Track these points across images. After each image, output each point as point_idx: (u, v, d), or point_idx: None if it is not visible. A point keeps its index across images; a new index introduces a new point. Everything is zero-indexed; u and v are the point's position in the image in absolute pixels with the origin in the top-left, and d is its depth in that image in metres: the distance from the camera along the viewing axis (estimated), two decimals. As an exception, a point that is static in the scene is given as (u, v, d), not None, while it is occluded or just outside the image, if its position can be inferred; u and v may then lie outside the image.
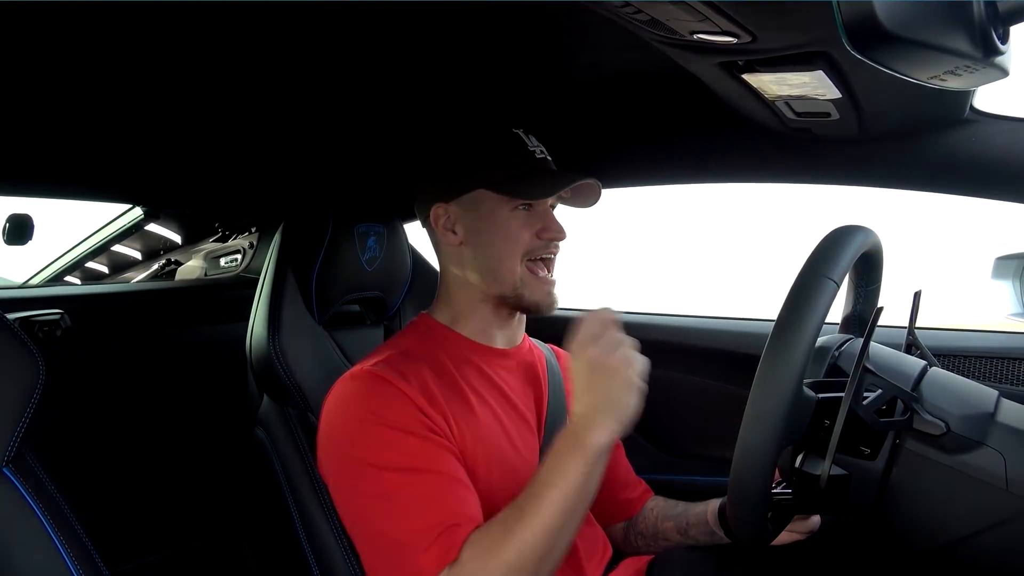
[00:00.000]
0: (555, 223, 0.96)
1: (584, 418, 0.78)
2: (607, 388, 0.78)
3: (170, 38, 0.81)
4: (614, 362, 0.78)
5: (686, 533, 1.06)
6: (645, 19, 0.64)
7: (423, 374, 0.89)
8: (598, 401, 0.78)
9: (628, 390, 0.78)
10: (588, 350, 0.79)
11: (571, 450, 0.78)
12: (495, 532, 0.78)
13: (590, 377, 0.79)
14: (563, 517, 0.76)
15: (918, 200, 1.06)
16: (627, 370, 0.78)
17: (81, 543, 0.77)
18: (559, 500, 0.76)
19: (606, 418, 0.77)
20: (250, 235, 2.03)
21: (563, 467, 0.77)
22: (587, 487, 0.78)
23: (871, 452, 0.74)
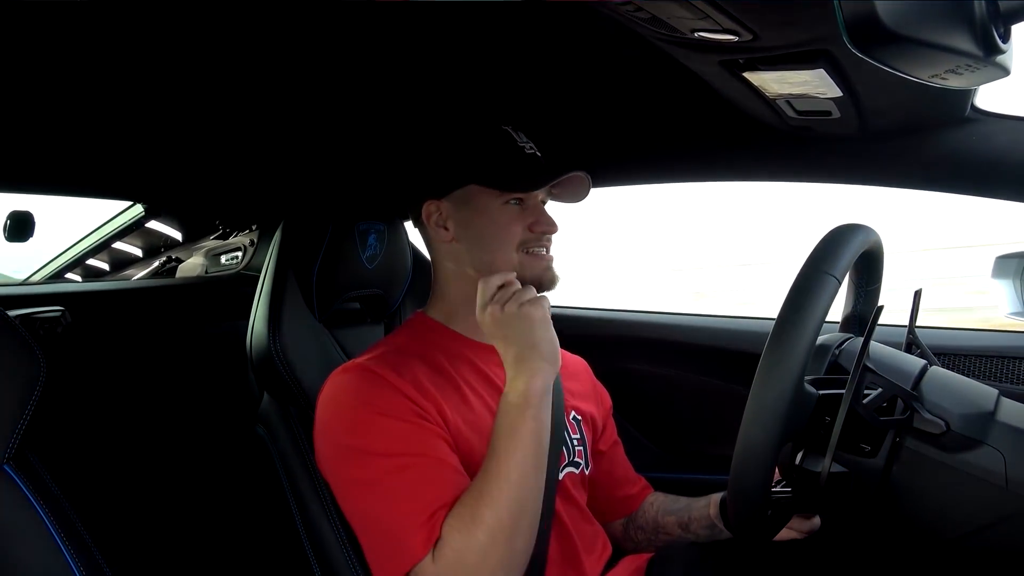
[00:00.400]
0: (546, 216, 0.97)
1: (513, 372, 0.83)
2: (518, 334, 0.83)
3: (171, 36, 0.81)
4: (512, 309, 0.84)
5: (687, 528, 1.06)
6: (646, 17, 0.64)
7: (416, 369, 0.90)
8: (519, 349, 0.83)
9: (535, 326, 0.83)
10: (487, 309, 0.85)
11: (515, 405, 0.81)
12: (468, 500, 0.79)
13: (502, 331, 0.84)
14: (525, 466, 0.80)
15: (918, 200, 1.06)
16: (528, 310, 0.84)
17: (81, 540, 0.77)
18: (516, 453, 0.80)
19: (530, 362, 0.83)
20: (251, 232, 2.03)
21: (510, 423, 0.81)
22: (537, 433, 0.81)
23: (871, 450, 0.74)
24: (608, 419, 1.16)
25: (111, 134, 1.15)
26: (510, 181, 0.94)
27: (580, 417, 1.07)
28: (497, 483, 0.78)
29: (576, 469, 1.02)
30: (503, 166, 0.94)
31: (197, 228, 2.24)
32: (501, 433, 0.81)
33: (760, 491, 0.70)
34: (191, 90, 0.99)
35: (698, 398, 1.48)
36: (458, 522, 0.78)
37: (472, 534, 0.76)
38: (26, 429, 0.78)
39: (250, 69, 0.94)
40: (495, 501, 0.77)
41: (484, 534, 0.76)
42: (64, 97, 0.97)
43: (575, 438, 1.04)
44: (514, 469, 0.79)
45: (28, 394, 0.78)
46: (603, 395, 1.17)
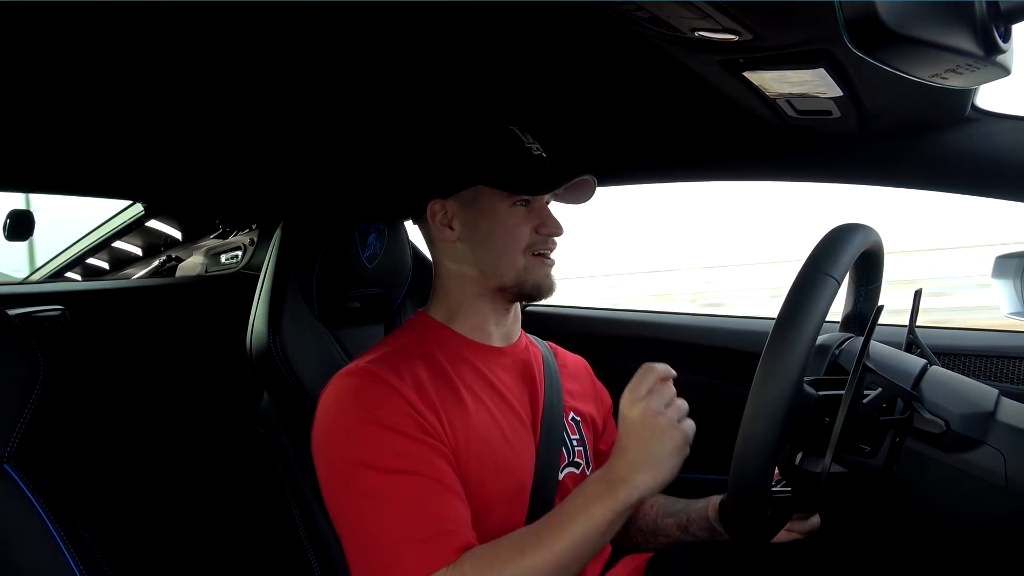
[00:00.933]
0: (552, 219, 0.97)
1: (623, 470, 0.79)
2: (653, 446, 0.78)
3: (171, 36, 0.81)
4: (665, 422, 0.78)
5: (686, 530, 1.06)
6: (646, 16, 0.64)
7: (418, 372, 0.89)
8: (641, 456, 0.78)
9: (673, 453, 0.78)
10: (642, 403, 0.80)
11: (602, 496, 0.78)
12: (504, 549, 0.77)
13: (639, 431, 0.79)
14: (575, 555, 0.77)
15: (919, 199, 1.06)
16: (676, 433, 0.79)
17: (81, 539, 0.77)
18: (576, 538, 0.77)
19: (645, 475, 0.78)
20: (251, 232, 2.03)
21: (590, 509, 0.78)
22: (607, 533, 0.78)
23: (871, 450, 0.74)
24: (609, 419, 1.16)
25: (111, 133, 1.15)
26: (519, 183, 0.94)
27: (579, 418, 1.07)
28: (541, 554, 0.76)
29: (576, 469, 1.02)
30: (512, 168, 0.94)
31: (197, 227, 2.24)
32: (572, 510, 0.79)
33: (759, 491, 0.70)
34: (191, 89, 0.99)
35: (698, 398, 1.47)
36: (484, 564, 0.77)
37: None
38: (26, 428, 0.78)
39: (251, 68, 0.94)
40: (530, 566, 0.76)
41: None
42: (64, 96, 0.97)
43: (574, 439, 1.04)
44: (566, 550, 0.76)
45: (28, 393, 0.78)
46: (603, 395, 1.17)
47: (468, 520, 0.82)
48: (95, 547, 0.77)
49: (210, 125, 1.16)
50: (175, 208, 2.15)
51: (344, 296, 1.18)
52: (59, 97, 0.97)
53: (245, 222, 2.05)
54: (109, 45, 0.83)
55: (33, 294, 1.61)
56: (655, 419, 0.78)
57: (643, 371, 0.82)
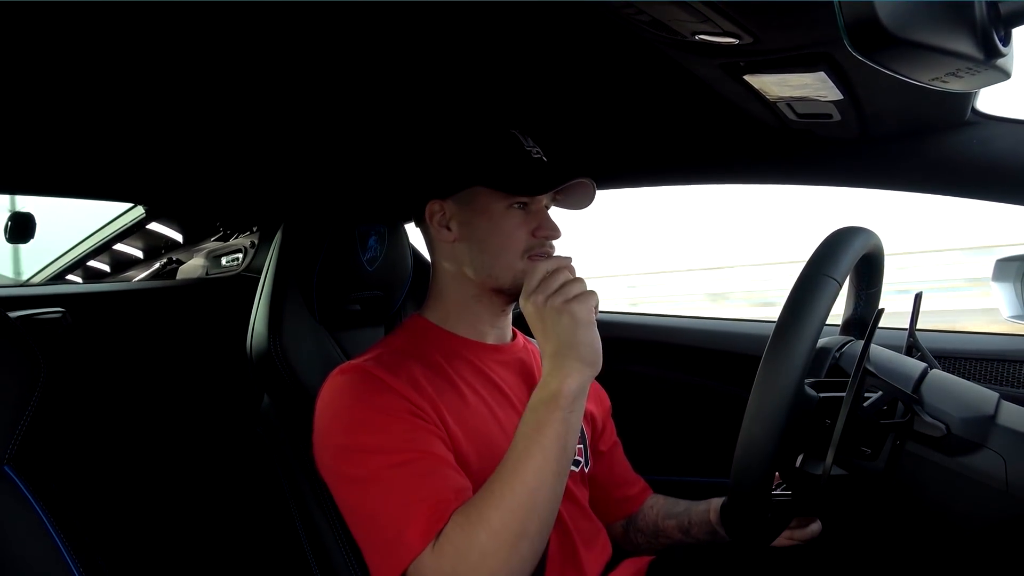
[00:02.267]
0: (550, 222, 0.97)
1: (548, 367, 0.80)
2: (561, 330, 0.79)
3: (171, 38, 0.81)
4: (557, 303, 0.80)
5: (687, 532, 1.06)
6: (646, 20, 0.64)
7: (413, 370, 0.90)
8: (557, 346, 0.79)
9: (581, 327, 0.79)
10: (532, 297, 0.81)
11: (544, 403, 0.78)
12: (478, 499, 0.78)
13: (543, 324, 0.81)
14: (545, 471, 0.76)
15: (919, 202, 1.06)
16: (577, 307, 0.79)
17: (82, 541, 0.77)
18: (537, 455, 0.76)
19: (568, 362, 0.78)
20: (251, 234, 2.04)
21: (537, 420, 0.78)
22: (565, 437, 0.78)
23: (872, 453, 0.74)
24: (607, 419, 1.17)
25: (112, 136, 1.15)
26: (516, 184, 0.94)
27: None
28: (511, 484, 0.76)
29: (576, 467, 1.02)
30: (509, 169, 0.94)
31: (198, 230, 2.24)
32: (524, 432, 0.78)
33: (760, 494, 0.70)
34: (192, 91, 0.99)
35: (698, 400, 1.48)
36: (463, 519, 0.76)
37: (475, 533, 0.75)
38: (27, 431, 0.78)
39: (251, 70, 0.94)
40: (504, 502, 0.75)
41: (487, 535, 0.74)
42: (65, 99, 0.97)
43: (575, 435, 1.04)
44: (532, 471, 0.76)
45: (28, 395, 0.78)
46: (602, 395, 1.18)
47: (469, 491, 0.82)
48: (95, 549, 0.77)
49: (211, 128, 1.16)
50: (176, 211, 2.15)
51: (345, 298, 1.18)
52: (60, 99, 0.97)
53: (246, 225, 2.06)
54: (110, 47, 0.83)
55: (34, 296, 1.61)
56: (548, 305, 0.80)
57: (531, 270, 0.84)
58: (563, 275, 0.83)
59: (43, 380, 0.80)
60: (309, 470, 1.03)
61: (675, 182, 1.38)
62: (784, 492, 0.79)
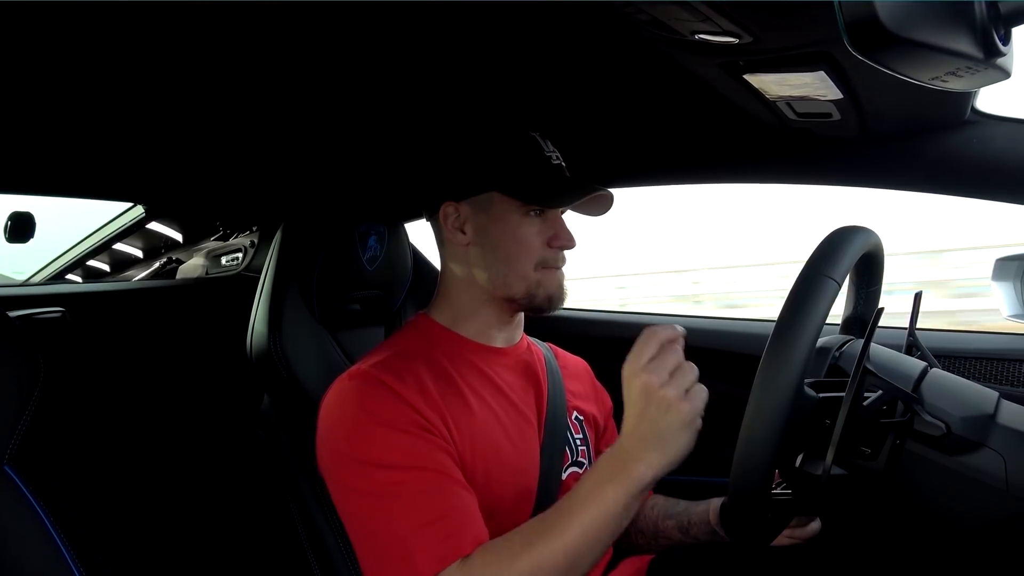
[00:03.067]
0: (566, 231, 0.96)
1: (632, 448, 0.74)
2: (660, 421, 0.72)
3: (172, 37, 0.81)
4: (671, 395, 0.72)
5: (687, 532, 1.06)
6: (646, 19, 0.64)
7: (420, 374, 0.89)
8: (649, 433, 0.73)
9: (683, 428, 0.73)
10: (644, 375, 0.73)
11: (612, 477, 0.74)
12: (515, 542, 0.76)
13: (644, 406, 0.73)
14: (589, 542, 0.74)
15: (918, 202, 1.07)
16: (684, 405, 0.72)
17: (81, 540, 0.77)
18: (588, 524, 0.73)
19: (655, 453, 0.73)
20: (251, 234, 2.04)
21: (601, 492, 0.74)
22: (621, 517, 0.74)
23: (871, 453, 0.74)
24: (609, 420, 1.16)
25: (112, 135, 1.15)
26: (535, 195, 0.92)
27: (582, 417, 1.07)
28: (552, 543, 0.73)
29: (580, 469, 1.02)
30: (529, 176, 0.93)
31: (197, 229, 2.24)
32: (582, 495, 0.75)
33: (760, 493, 0.70)
34: (193, 90, 0.99)
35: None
36: (495, 558, 0.75)
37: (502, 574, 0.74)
38: (26, 430, 0.78)
39: (252, 69, 0.94)
40: (541, 558, 0.73)
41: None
42: (65, 98, 0.97)
43: (578, 438, 1.04)
44: (578, 537, 0.73)
45: (28, 395, 0.78)
46: (604, 396, 1.17)
47: (477, 511, 0.82)
48: (95, 548, 0.77)
49: (211, 127, 1.16)
50: (176, 210, 2.15)
51: (344, 298, 1.18)
52: (60, 99, 0.97)
53: (245, 224, 2.06)
54: (109, 46, 0.83)
55: (34, 296, 1.61)
56: (658, 392, 0.72)
57: (644, 337, 0.75)
58: (676, 357, 0.75)
59: (43, 379, 0.80)
60: (309, 470, 1.03)
61: (675, 181, 1.38)
62: (784, 492, 0.79)
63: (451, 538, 0.77)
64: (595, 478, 0.76)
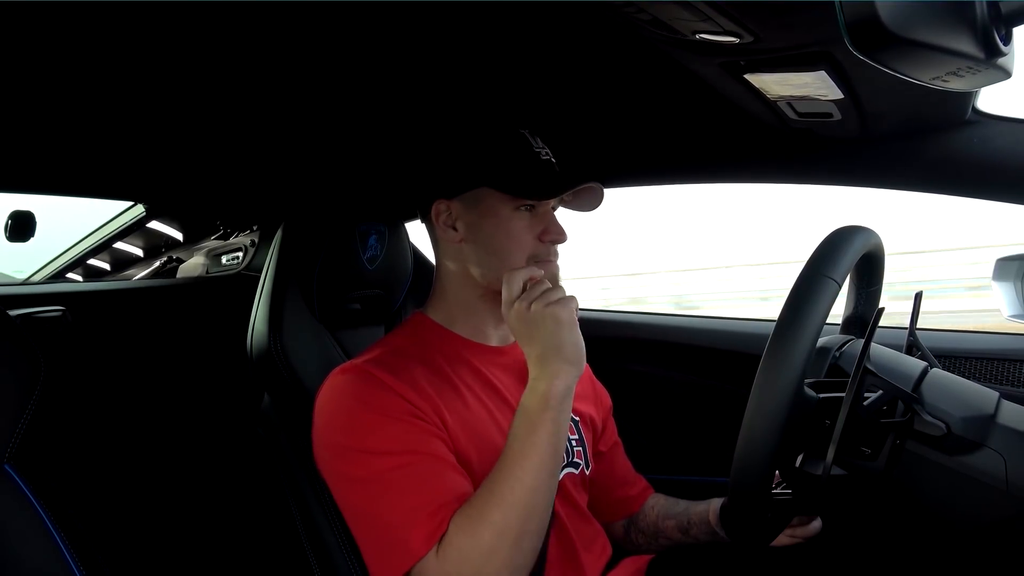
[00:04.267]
0: (557, 225, 0.96)
1: (535, 371, 0.82)
2: (544, 335, 0.82)
3: (172, 37, 0.81)
4: (540, 307, 0.82)
5: (687, 532, 1.06)
6: (647, 19, 0.64)
7: (414, 371, 0.90)
8: (541, 350, 0.82)
9: (562, 328, 0.82)
10: (516, 304, 0.84)
11: (535, 405, 0.81)
12: (477, 500, 0.79)
13: (526, 329, 0.83)
14: (540, 470, 0.79)
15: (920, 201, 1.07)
16: (557, 310, 0.82)
17: (81, 540, 0.77)
18: (532, 455, 0.79)
19: (555, 363, 0.81)
20: (251, 233, 2.04)
21: (529, 423, 0.80)
22: (556, 436, 0.80)
23: (872, 453, 0.74)
24: (608, 420, 1.16)
25: (113, 134, 1.15)
26: (524, 187, 0.93)
27: (578, 418, 1.07)
28: (509, 484, 0.78)
29: (575, 470, 1.02)
30: (518, 171, 0.93)
31: (198, 228, 2.24)
32: (518, 433, 0.81)
33: (760, 493, 0.70)
34: (193, 90, 0.99)
35: (698, 400, 1.48)
36: (465, 521, 0.78)
37: (478, 534, 0.76)
38: (27, 429, 0.78)
39: (253, 69, 0.94)
40: (505, 502, 0.77)
41: (491, 535, 0.76)
42: (66, 97, 0.97)
43: (573, 439, 1.04)
44: (528, 471, 0.78)
45: (28, 394, 0.78)
46: (603, 396, 1.17)
47: (470, 492, 0.83)
48: (95, 547, 0.78)
49: (212, 126, 1.16)
50: (176, 209, 2.15)
51: (345, 297, 1.18)
52: (60, 98, 0.97)
53: (246, 223, 2.06)
54: (109, 45, 0.83)
55: (34, 295, 1.61)
56: (531, 312, 0.82)
57: (507, 278, 0.86)
58: (541, 284, 0.86)
59: (43, 379, 0.80)
60: (309, 469, 1.03)
61: (675, 181, 1.38)
62: (784, 492, 0.79)
63: (445, 518, 0.78)
64: (520, 414, 0.82)
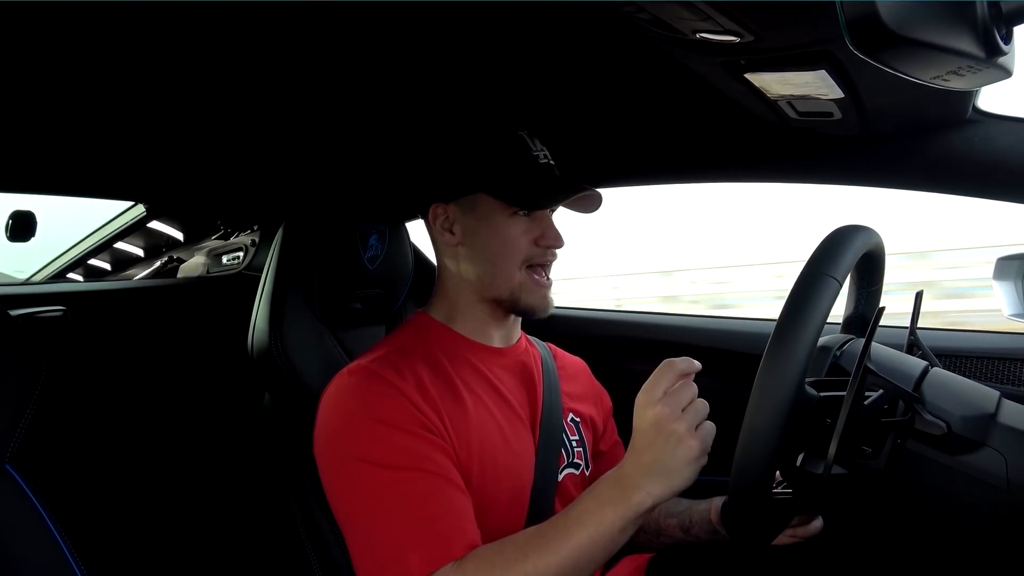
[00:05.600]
0: (553, 230, 0.96)
1: (635, 475, 0.75)
2: (667, 453, 0.73)
3: (172, 37, 0.81)
4: (682, 429, 0.73)
5: (688, 531, 1.06)
6: (648, 18, 0.64)
7: (418, 370, 0.89)
8: (654, 463, 0.74)
9: (689, 463, 0.73)
10: (659, 406, 0.74)
11: (612, 500, 0.75)
12: (508, 552, 0.76)
13: (654, 436, 0.74)
14: (581, 560, 0.75)
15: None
16: (694, 442, 0.73)
17: (83, 539, 0.77)
18: (584, 543, 0.74)
19: (658, 483, 0.74)
20: (252, 233, 2.04)
21: (600, 513, 0.75)
22: (616, 539, 0.75)
23: (872, 452, 0.74)
24: (608, 420, 1.16)
25: (113, 134, 1.15)
26: (520, 196, 0.92)
27: (579, 419, 1.07)
28: (547, 558, 0.74)
29: (576, 470, 1.02)
30: (515, 178, 0.93)
31: (198, 228, 2.24)
32: (580, 514, 0.76)
33: (761, 492, 0.70)
34: (194, 90, 1.00)
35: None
36: (487, 566, 0.75)
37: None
38: (28, 429, 0.78)
39: (254, 69, 0.95)
40: (534, 570, 0.74)
41: None
42: (66, 97, 0.97)
43: (574, 440, 1.04)
44: (573, 555, 0.74)
45: (29, 394, 0.79)
46: (603, 396, 1.17)
47: (472, 515, 0.82)
48: (96, 547, 0.78)
49: (212, 126, 1.16)
50: (177, 209, 2.16)
51: (346, 297, 1.18)
52: (61, 98, 0.98)
53: (246, 223, 2.06)
54: (110, 45, 0.83)
55: (35, 295, 1.61)
56: (671, 425, 0.73)
57: (662, 368, 0.76)
58: (691, 391, 0.75)
59: (44, 378, 0.80)
60: (310, 469, 1.03)
61: (675, 181, 1.38)
62: (785, 491, 0.79)
63: (445, 541, 0.77)
64: (595, 498, 0.77)
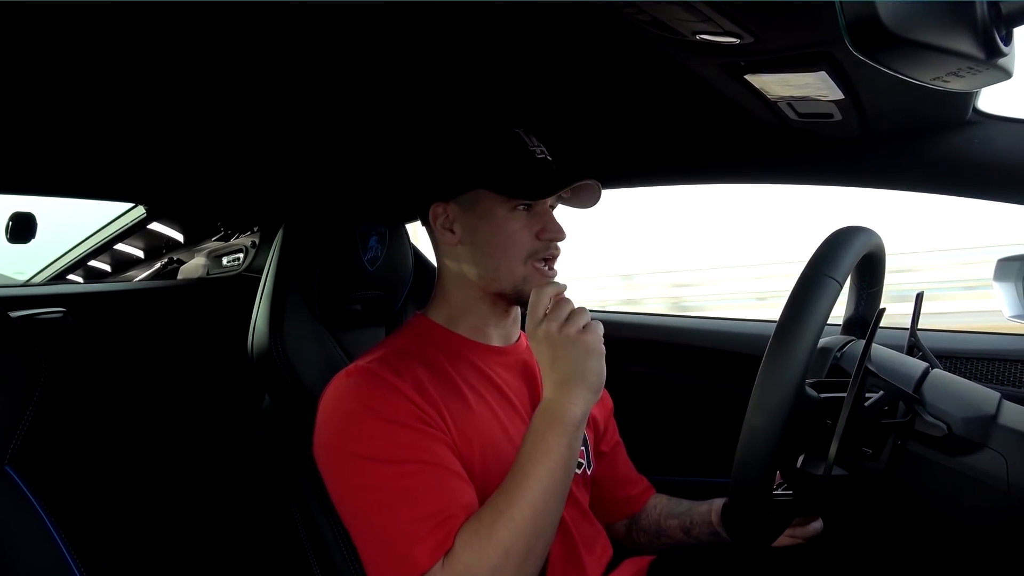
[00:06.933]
0: (554, 223, 0.96)
1: (555, 394, 0.82)
2: (570, 360, 0.81)
3: (172, 37, 0.81)
4: (570, 332, 0.82)
5: (689, 532, 1.06)
6: (647, 19, 0.64)
7: (417, 371, 0.89)
8: (564, 375, 0.81)
9: (590, 356, 0.82)
10: (542, 326, 0.83)
11: (549, 427, 0.81)
12: (485, 516, 0.79)
13: (551, 352, 0.82)
14: (550, 492, 0.79)
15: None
16: (585, 337, 0.82)
17: (82, 541, 0.77)
18: (544, 476, 0.79)
19: (576, 389, 0.81)
20: (252, 234, 2.04)
21: (544, 444, 0.80)
22: (569, 460, 0.81)
23: (873, 453, 0.74)
24: (610, 420, 1.16)
25: (113, 135, 1.15)
26: (519, 187, 0.93)
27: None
28: (519, 504, 0.78)
29: (578, 470, 1.02)
30: (512, 171, 0.93)
31: (198, 230, 2.24)
32: (529, 454, 0.80)
33: (761, 494, 0.70)
34: (193, 91, 1.00)
35: (699, 400, 1.48)
36: (473, 538, 0.77)
37: (486, 552, 0.76)
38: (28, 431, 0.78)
39: (253, 70, 0.95)
40: (513, 522, 0.77)
41: (498, 554, 0.76)
42: (67, 99, 0.97)
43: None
44: (538, 494, 0.78)
45: (29, 396, 0.78)
46: (604, 396, 1.17)
47: (476, 505, 0.83)
48: (96, 548, 0.77)
49: (212, 127, 1.16)
50: (177, 211, 2.16)
51: (346, 298, 1.18)
52: (61, 99, 0.98)
53: (246, 224, 2.06)
54: (110, 46, 0.83)
55: (35, 296, 1.61)
56: (560, 334, 0.82)
57: (534, 295, 0.86)
58: (568, 304, 0.85)
59: (44, 380, 0.80)
60: (310, 470, 1.03)
61: (675, 182, 1.38)
62: (785, 492, 0.79)
63: (451, 531, 0.78)
64: (533, 434, 0.82)
